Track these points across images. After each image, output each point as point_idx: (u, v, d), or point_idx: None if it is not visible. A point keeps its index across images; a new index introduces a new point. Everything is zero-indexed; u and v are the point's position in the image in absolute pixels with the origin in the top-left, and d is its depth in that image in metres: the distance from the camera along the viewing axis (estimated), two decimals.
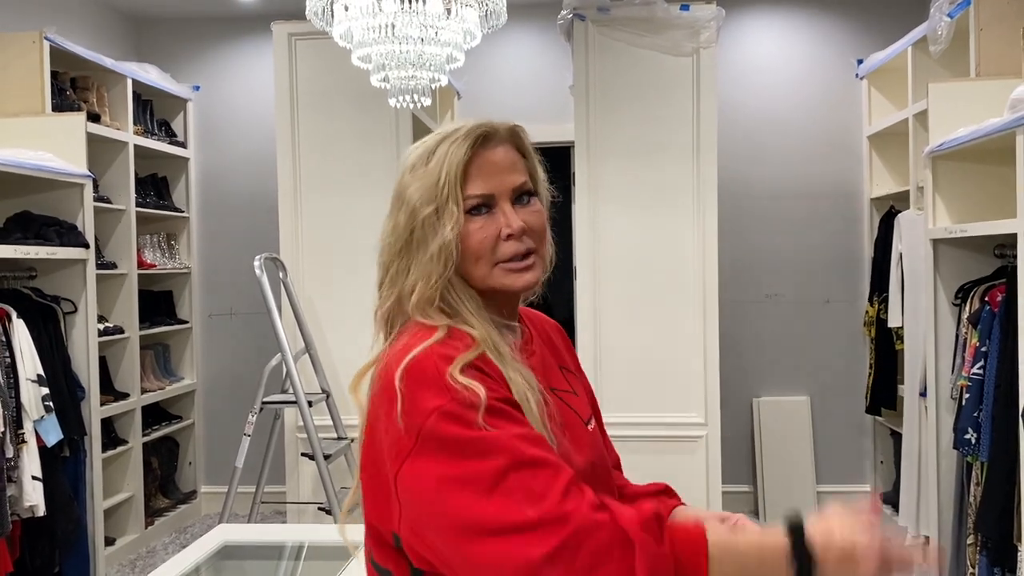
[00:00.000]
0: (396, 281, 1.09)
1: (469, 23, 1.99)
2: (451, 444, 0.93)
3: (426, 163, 1.09)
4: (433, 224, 1.06)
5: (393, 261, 1.09)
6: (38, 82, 3.81)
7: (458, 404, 0.95)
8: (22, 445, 3.32)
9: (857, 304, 4.84)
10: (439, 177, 1.07)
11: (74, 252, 3.70)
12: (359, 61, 2.15)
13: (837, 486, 4.86)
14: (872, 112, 4.73)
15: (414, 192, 1.08)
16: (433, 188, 1.07)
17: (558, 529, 0.89)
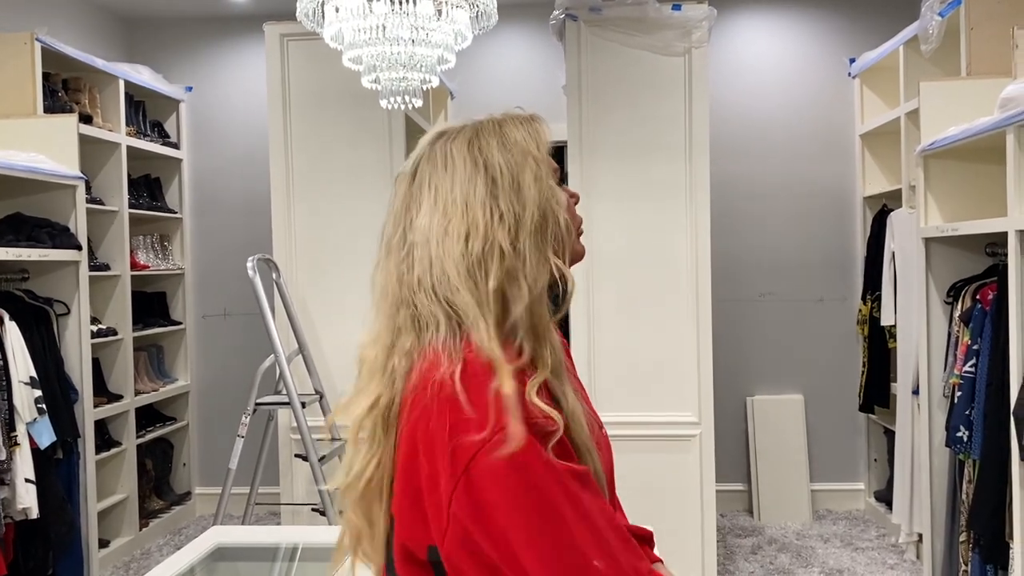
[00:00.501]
0: (528, 270, 0.96)
1: (460, 24, 1.99)
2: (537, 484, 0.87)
3: (508, 145, 1.02)
4: (554, 200, 1.01)
5: (523, 248, 0.97)
6: (30, 83, 3.80)
7: (539, 433, 0.88)
8: (15, 447, 3.31)
9: (850, 303, 4.86)
10: (538, 151, 1.02)
11: (67, 254, 3.70)
12: (350, 62, 2.15)
13: (831, 484, 4.88)
14: (864, 111, 4.75)
15: (528, 171, 1.00)
16: (536, 163, 1.01)
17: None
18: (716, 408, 3.64)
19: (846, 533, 4.49)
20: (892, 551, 4.18)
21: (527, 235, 0.97)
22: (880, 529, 4.51)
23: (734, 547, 4.33)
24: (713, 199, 3.62)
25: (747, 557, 4.18)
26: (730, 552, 4.25)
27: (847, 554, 4.18)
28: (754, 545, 4.34)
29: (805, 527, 4.61)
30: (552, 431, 0.89)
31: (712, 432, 3.59)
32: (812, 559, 4.12)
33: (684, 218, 3.57)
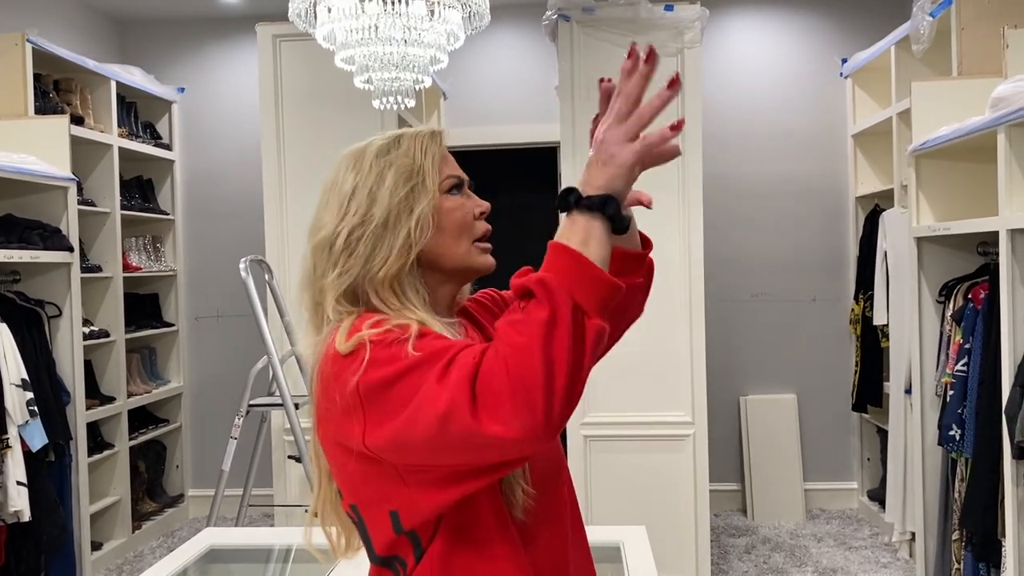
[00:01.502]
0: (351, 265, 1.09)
1: (452, 24, 1.99)
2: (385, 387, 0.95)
3: (391, 152, 1.13)
4: (412, 201, 1.10)
5: (360, 241, 1.09)
6: (21, 84, 3.78)
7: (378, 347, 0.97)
8: (6, 450, 3.30)
9: (842, 302, 4.87)
10: (414, 160, 1.12)
11: (58, 256, 3.68)
12: (342, 63, 2.14)
13: (824, 483, 4.89)
14: (856, 111, 4.76)
15: (391, 175, 1.11)
16: (409, 169, 1.11)
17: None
18: (709, 408, 3.64)
19: (839, 532, 4.50)
20: (885, 550, 4.20)
21: (370, 230, 1.09)
22: (873, 528, 4.52)
23: (728, 546, 4.33)
24: (706, 199, 3.63)
25: (741, 556, 4.19)
26: (724, 552, 4.26)
27: (840, 553, 4.19)
28: (748, 544, 4.35)
29: (799, 526, 4.62)
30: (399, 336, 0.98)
31: (705, 432, 3.59)
32: (806, 558, 4.13)
33: (677, 218, 3.58)
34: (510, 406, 0.86)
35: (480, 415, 0.87)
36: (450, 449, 0.91)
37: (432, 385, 0.90)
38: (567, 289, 0.89)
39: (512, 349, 0.87)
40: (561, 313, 0.87)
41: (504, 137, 4.98)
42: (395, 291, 1.09)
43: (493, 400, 0.86)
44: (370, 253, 1.08)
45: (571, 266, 0.91)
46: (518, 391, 0.85)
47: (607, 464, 3.62)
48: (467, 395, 0.87)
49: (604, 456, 3.62)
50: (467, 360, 0.90)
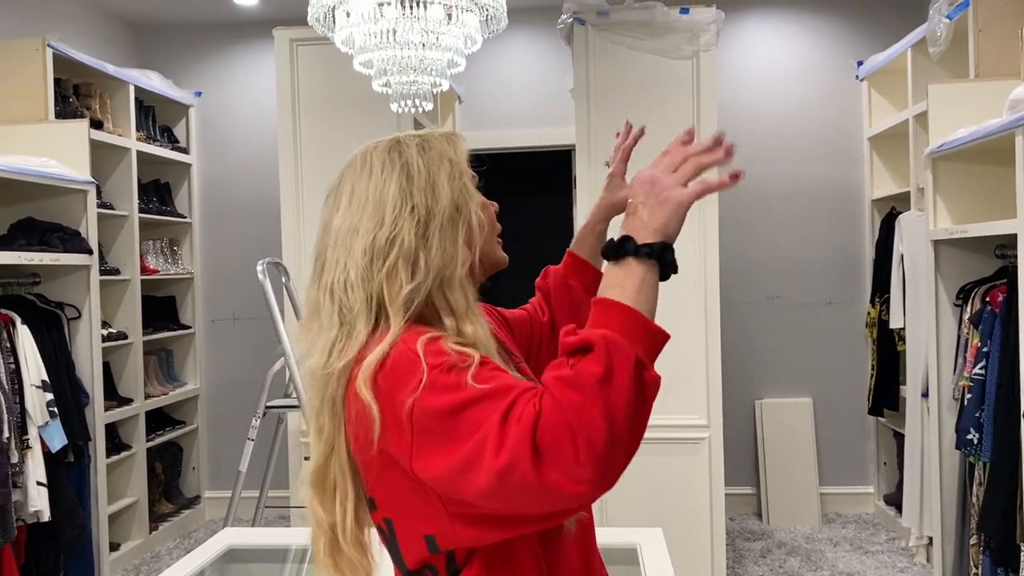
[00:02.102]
0: (431, 260, 1.05)
1: (470, 28, 2.01)
2: (442, 417, 0.92)
3: (428, 150, 1.12)
4: (467, 198, 1.10)
5: (429, 241, 1.05)
6: (41, 89, 3.82)
7: (437, 372, 0.93)
8: (27, 451, 3.33)
9: (859, 305, 4.85)
10: (456, 156, 1.12)
11: (77, 258, 3.72)
12: (361, 67, 2.16)
13: (840, 488, 4.87)
14: (872, 113, 4.75)
15: (443, 170, 1.09)
16: (453, 165, 1.11)
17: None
18: (725, 411, 3.64)
19: (856, 537, 4.48)
20: (902, 554, 4.17)
21: (437, 226, 1.06)
22: (890, 533, 4.49)
23: (743, 550, 4.32)
24: (721, 202, 3.62)
25: (756, 561, 4.18)
26: (739, 556, 4.25)
27: (857, 558, 4.17)
28: (763, 549, 4.33)
29: (814, 530, 4.60)
30: (459, 362, 0.94)
31: (721, 435, 3.58)
32: (822, 563, 4.11)
33: (692, 220, 3.55)
34: (573, 459, 0.84)
35: (544, 469, 0.84)
36: (506, 499, 0.89)
37: (494, 430, 0.87)
38: (629, 347, 0.88)
39: (572, 404, 0.85)
40: (621, 370, 0.86)
41: (519, 140, 4.99)
42: (464, 292, 1.07)
43: (557, 453, 0.84)
44: (445, 250, 1.05)
45: (629, 322, 0.90)
46: (581, 445, 0.83)
47: None
48: (529, 448, 0.85)
49: None
50: (529, 410, 0.87)
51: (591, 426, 0.84)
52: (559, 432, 0.84)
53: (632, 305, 0.92)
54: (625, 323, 0.90)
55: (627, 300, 0.92)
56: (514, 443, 0.86)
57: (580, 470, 0.84)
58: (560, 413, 0.85)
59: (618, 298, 0.92)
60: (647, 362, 0.90)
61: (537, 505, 0.89)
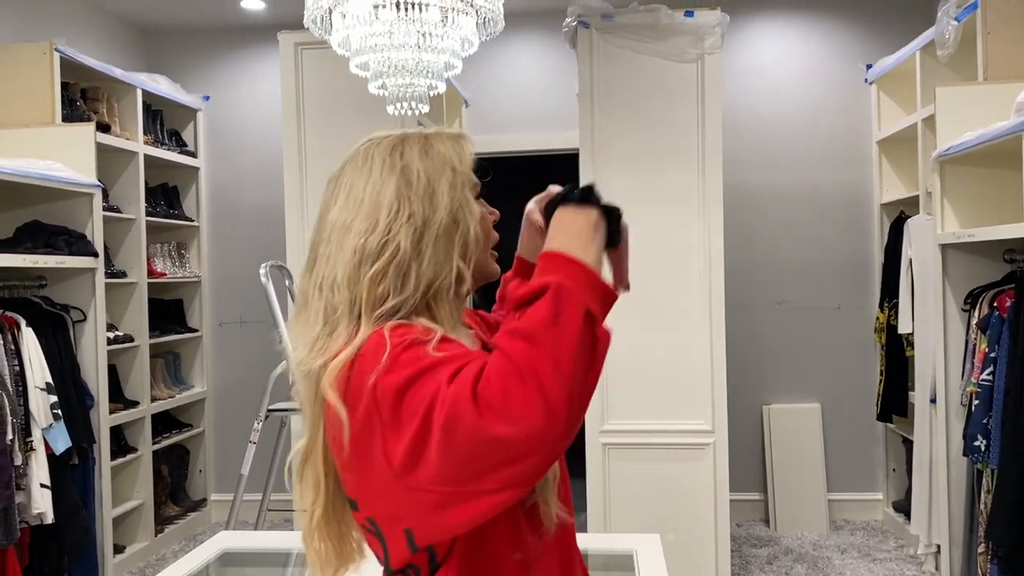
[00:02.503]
0: (423, 269, 1.03)
1: (465, 30, 2.00)
2: (398, 398, 0.91)
3: (430, 155, 1.09)
4: (466, 209, 1.08)
5: (430, 246, 1.04)
6: (48, 93, 3.84)
7: (399, 349, 0.93)
8: (31, 453, 3.34)
9: (867, 310, 4.81)
10: (459, 164, 1.09)
11: (83, 261, 3.73)
12: (357, 69, 2.16)
13: (849, 494, 4.82)
14: (882, 117, 4.71)
15: (444, 179, 1.07)
16: (455, 174, 1.08)
17: None
18: (731, 417, 3.61)
19: (864, 544, 4.43)
20: (911, 562, 4.13)
21: (432, 237, 1.04)
22: (899, 540, 4.45)
23: (750, 557, 4.28)
24: (728, 206, 3.60)
25: (763, 567, 4.14)
26: (746, 562, 4.21)
27: (864, 565, 4.12)
28: (770, 555, 4.30)
29: (822, 537, 4.55)
30: (430, 337, 0.95)
31: (726, 441, 3.55)
32: (829, 570, 4.07)
33: (697, 225, 3.55)
34: (521, 406, 0.82)
35: (487, 419, 0.82)
36: (459, 466, 0.86)
37: (439, 392, 0.86)
38: (580, 294, 0.87)
39: (518, 350, 0.84)
40: (571, 315, 0.85)
41: (526, 144, 4.99)
42: (450, 304, 1.05)
43: (498, 398, 0.82)
44: (439, 262, 1.04)
45: (580, 274, 0.90)
46: (530, 390, 0.82)
47: (626, 472, 3.60)
48: (470, 398, 0.83)
49: (623, 464, 3.60)
50: (474, 366, 0.87)
51: (538, 371, 0.82)
52: (504, 379, 0.83)
53: (582, 256, 0.91)
54: (576, 273, 0.89)
55: (583, 254, 0.92)
56: (454, 397, 0.84)
57: (528, 417, 0.82)
58: (506, 361, 0.84)
59: (571, 246, 0.92)
60: (598, 316, 0.88)
61: (489, 465, 0.85)
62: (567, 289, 0.87)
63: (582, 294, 0.87)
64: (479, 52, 4.93)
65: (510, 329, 0.87)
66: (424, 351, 0.92)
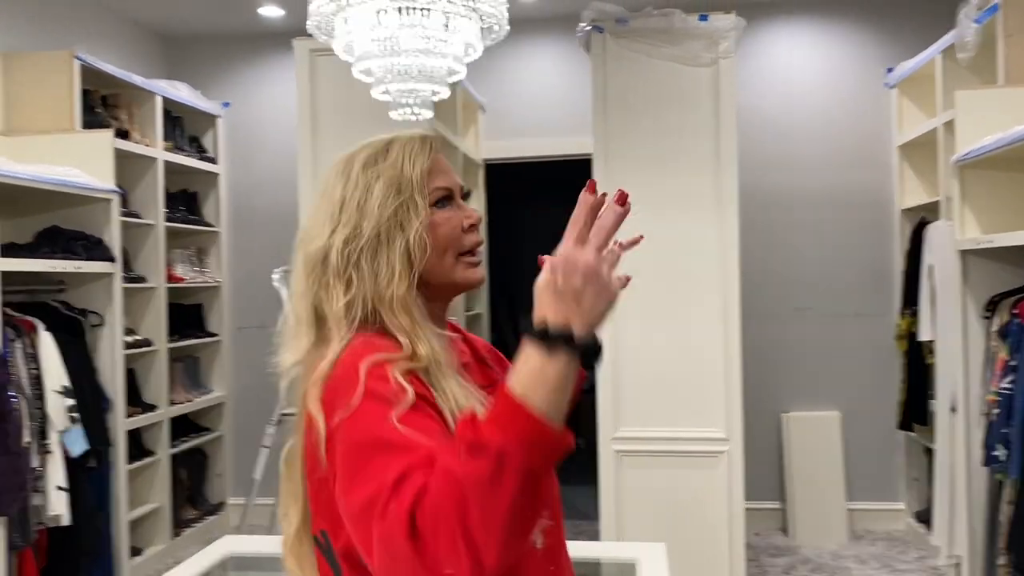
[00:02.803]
0: (362, 279, 1.06)
1: (468, 35, 1.99)
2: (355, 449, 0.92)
3: (379, 162, 1.10)
4: (403, 217, 1.07)
5: (360, 258, 1.06)
6: (68, 100, 3.90)
7: (369, 399, 0.93)
8: (47, 455, 3.38)
9: (888, 317, 4.74)
10: (402, 172, 1.09)
11: (101, 266, 3.77)
12: (360, 74, 2.16)
13: (869, 503, 4.75)
14: (903, 121, 4.65)
15: (378, 188, 1.08)
16: (397, 182, 1.08)
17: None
18: (749, 424, 3.57)
19: (884, 554, 4.36)
20: (932, 574, 4.06)
21: (364, 244, 1.06)
22: (920, 551, 4.37)
23: (767, 567, 4.23)
24: (746, 211, 3.57)
25: None
26: (763, 572, 4.16)
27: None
28: (788, 565, 4.24)
29: (841, 547, 4.49)
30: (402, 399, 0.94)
31: (741, 449, 3.51)
32: None
33: (712, 230, 3.52)
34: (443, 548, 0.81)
35: (419, 549, 0.82)
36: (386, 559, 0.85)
37: (385, 491, 0.85)
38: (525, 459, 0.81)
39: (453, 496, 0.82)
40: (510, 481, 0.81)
41: (543, 149, 4.98)
42: (408, 311, 1.05)
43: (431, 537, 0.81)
44: (376, 270, 1.05)
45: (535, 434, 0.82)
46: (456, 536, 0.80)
47: (639, 480, 3.57)
48: (406, 526, 0.82)
49: (636, 472, 3.57)
50: (420, 478, 0.85)
51: (467, 523, 0.81)
52: (436, 517, 0.81)
53: (547, 409, 0.83)
54: (527, 432, 0.82)
55: (545, 403, 0.83)
56: (394, 516, 0.83)
57: (449, 562, 0.80)
58: (440, 499, 0.82)
59: (535, 397, 0.83)
60: (542, 471, 0.83)
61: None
62: (510, 455, 0.81)
63: (528, 457, 0.82)
64: (496, 57, 4.94)
65: (451, 469, 0.83)
66: (390, 416, 0.91)
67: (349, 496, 0.91)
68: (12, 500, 3.08)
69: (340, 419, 0.94)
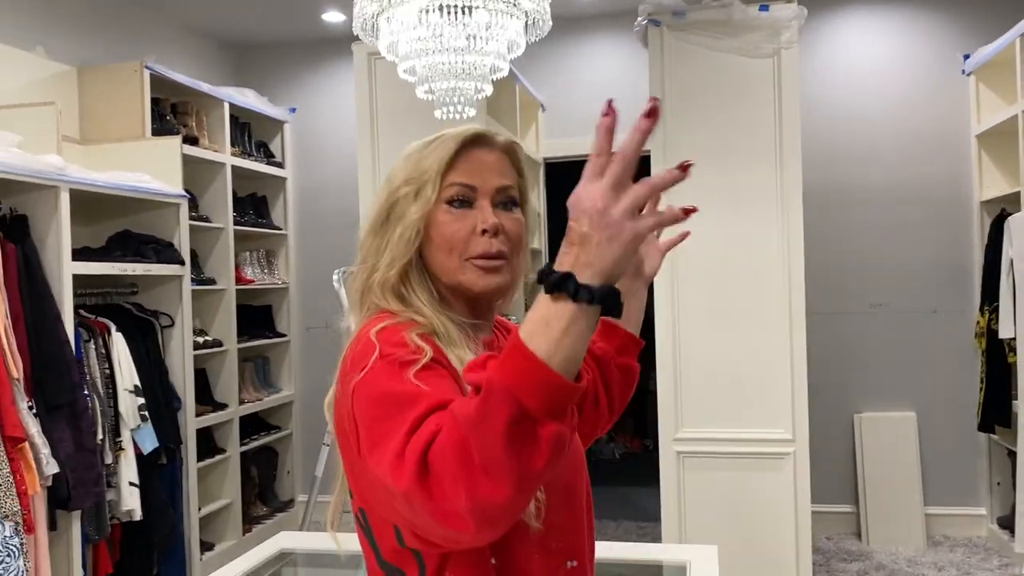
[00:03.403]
0: (367, 259, 1.12)
1: (512, 32, 1.98)
2: (364, 406, 0.95)
3: (412, 154, 1.14)
4: (406, 206, 1.10)
5: (368, 239, 1.12)
6: (139, 109, 4.03)
7: (385, 361, 0.96)
8: (120, 452, 3.50)
9: (967, 314, 4.55)
10: (420, 162, 1.11)
11: (170, 268, 3.89)
12: (404, 74, 2.17)
13: (948, 508, 4.56)
14: (980, 109, 4.45)
15: (398, 173, 1.13)
16: (416, 170, 1.11)
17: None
18: (821, 425, 3.47)
19: (964, 561, 4.18)
20: None
21: (370, 228, 1.13)
22: (1003, 558, 4.18)
23: (839, 572, 4.10)
24: (813, 205, 3.47)
25: None
26: None
27: None
28: (861, 570, 4.10)
29: (918, 553, 4.32)
30: (414, 359, 0.97)
31: (807, 450, 3.41)
32: None
33: (775, 225, 3.43)
34: (451, 488, 0.81)
35: (428, 490, 0.83)
36: (406, 511, 0.88)
37: (400, 437, 0.87)
38: (511, 398, 0.79)
39: (454, 439, 0.82)
40: (496, 419, 0.79)
41: None
42: (397, 294, 1.09)
43: (437, 479, 0.82)
44: (376, 252, 1.11)
45: (528, 373, 0.80)
46: (459, 479, 0.81)
47: (702, 482, 3.50)
48: (417, 468, 0.83)
49: (698, 474, 3.50)
50: (429, 428, 0.86)
51: (467, 460, 0.80)
52: (443, 457, 0.82)
53: (547, 352, 0.80)
54: (523, 372, 0.80)
55: (545, 345, 0.80)
56: (409, 459, 0.85)
57: (452, 500, 0.81)
58: (444, 438, 0.83)
59: (537, 340, 0.81)
60: (539, 414, 0.80)
61: (424, 524, 0.87)
62: (497, 394, 0.80)
63: (518, 391, 0.79)
64: (556, 55, 4.91)
65: (457, 412, 0.84)
66: (407, 373, 0.94)
67: (374, 455, 0.91)
68: (86, 495, 3.20)
69: (356, 382, 0.96)
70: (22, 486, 2.86)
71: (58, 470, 3.03)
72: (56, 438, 3.07)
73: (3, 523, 2.78)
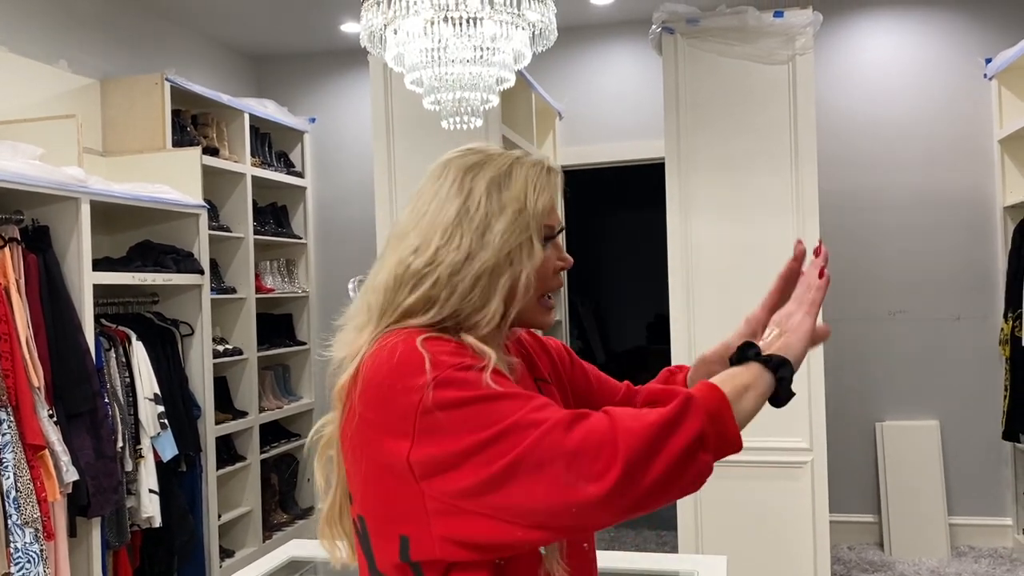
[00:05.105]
0: (454, 300, 1.04)
1: (518, 43, 1.99)
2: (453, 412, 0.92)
3: (503, 189, 1.07)
4: (516, 256, 1.05)
5: (458, 282, 1.03)
6: (159, 120, 4.09)
7: (453, 369, 0.94)
8: (140, 460, 3.54)
9: (990, 320, 4.48)
10: (526, 206, 1.06)
11: (190, 278, 3.93)
12: (411, 85, 2.19)
13: (972, 518, 4.49)
14: (1003, 114, 4.40)
15: (503, 220, 1.05)
16: (522, 217, 1.06)
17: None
18: (842, 434, 3.44)
19: (989, 572, 4.12)
20: None
21: (472, 272, 1.03)
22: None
23: None
24: (832, 212, 3.45)
25: None
26: None
27: None
28: None
29: (942, 564, 4.26)
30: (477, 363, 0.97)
31: (824, 459, 3.38)
32: None
33: (790, 232, 3.41)
34: (600, 468, 0.86)
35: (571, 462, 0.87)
36: (510, 489, 0.88)
37: (526, 417, 0.90)
38: (703, 417, 0.91)
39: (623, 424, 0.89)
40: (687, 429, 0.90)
41: (621, 154, 4.93)
42: (486, 341, 1.04)
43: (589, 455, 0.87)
44: (473, 299, 1.03)
45: (717, 404, 0.94)
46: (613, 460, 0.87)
47: (717, 491, 3.46)
48: (563, 434, 0.88)
49: (714, 483, 3.41)
50: (559, 408, 0.92)
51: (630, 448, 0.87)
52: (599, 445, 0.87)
53: (730, 395, 0.96)
54: (713, 401, 0.94)
55: (728, 391, 0.97)
56: (549, 428, 0.89)
57: (602, 487, 0.86)
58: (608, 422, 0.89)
59: (723, 386, 0.97)
60: (710, 444, 0.92)
61: (543, 499, 0.88)
62: (696, 405, 0.92)
63: (706, 419, 0.91)
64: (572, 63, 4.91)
65: (632, 412, 0.91)
66: (482, 378, 0.94)
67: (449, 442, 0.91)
68: (106, 501, 3.24)
69: (425, 393, 0.93)
70: (42, 493, 2.91)
71: (78, 477, 3.08)
72: (76, 446, 3.12)
73: (23, 530, 2.83)
